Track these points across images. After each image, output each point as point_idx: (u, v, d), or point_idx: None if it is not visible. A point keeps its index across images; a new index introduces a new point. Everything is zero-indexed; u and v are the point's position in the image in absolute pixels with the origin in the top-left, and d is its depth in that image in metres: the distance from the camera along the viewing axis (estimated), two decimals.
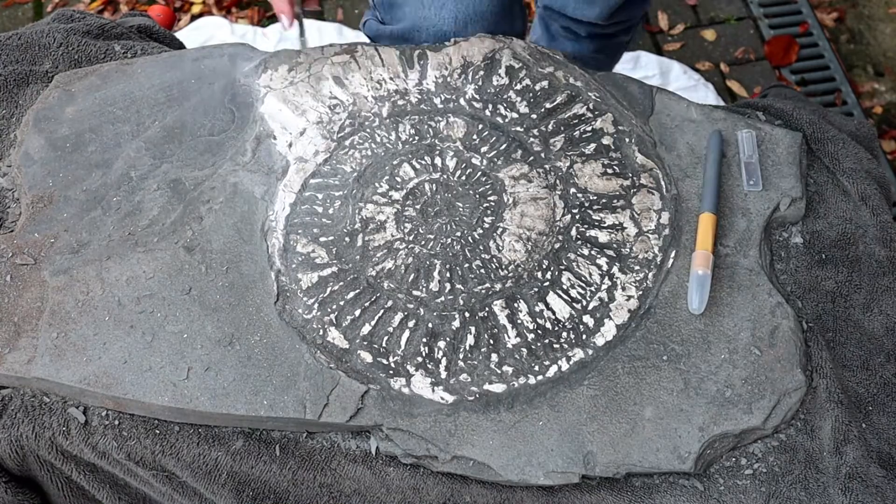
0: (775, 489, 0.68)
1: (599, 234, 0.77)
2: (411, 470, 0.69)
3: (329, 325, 0.72)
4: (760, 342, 0.72)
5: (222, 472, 0.68)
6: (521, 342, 0.72)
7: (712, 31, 1.79)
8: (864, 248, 0.80)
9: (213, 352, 0.71)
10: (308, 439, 0.70)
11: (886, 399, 0.73)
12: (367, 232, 0.77)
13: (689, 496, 0.67)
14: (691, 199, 0.80)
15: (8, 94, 0.86)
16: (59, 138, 0.81)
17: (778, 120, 0.88)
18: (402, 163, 0.81)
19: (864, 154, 0.85)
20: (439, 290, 0.74)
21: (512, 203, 0.79)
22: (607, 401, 0.70)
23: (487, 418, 0.69)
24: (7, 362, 0.70)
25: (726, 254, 0.77)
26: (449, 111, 0.84)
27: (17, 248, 0.75)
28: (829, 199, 0.83)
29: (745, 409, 0.69)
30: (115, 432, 0.69)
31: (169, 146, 0.81)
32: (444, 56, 0.87)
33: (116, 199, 0.78)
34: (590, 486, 0.68)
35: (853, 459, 0.68)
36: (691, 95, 1.35)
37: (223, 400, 0.69)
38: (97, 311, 0.72)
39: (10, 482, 0.72)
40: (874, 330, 0.76)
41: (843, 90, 1.70)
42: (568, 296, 0.74)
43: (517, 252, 0.76)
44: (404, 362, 0.71)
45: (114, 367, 0.70)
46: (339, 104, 0.84)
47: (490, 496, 0.68)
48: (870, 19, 1.83)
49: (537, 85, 0.86)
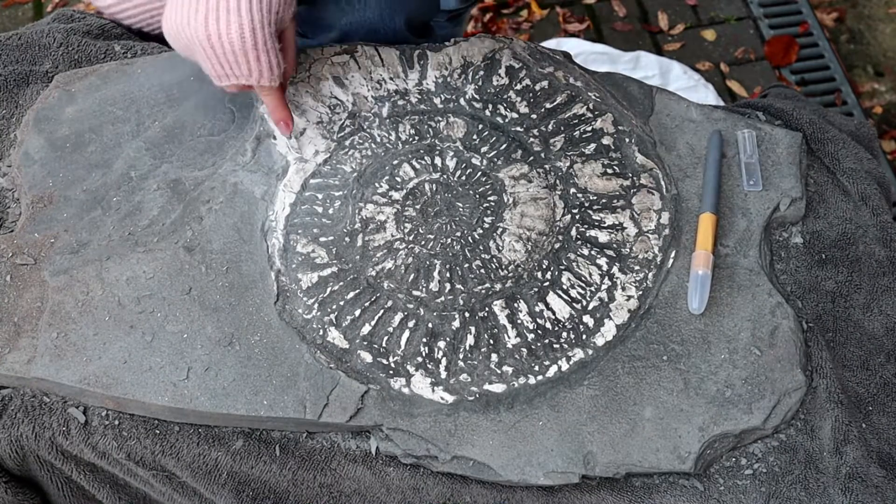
0: (775, 489, 0.68)
1: (599, 234, 0.77)
2: (411, 470, 0.69)
3: (329, 325, 0.72)
4: (760, 342, 0.72)
5: (222, 472, 0.68)
6: (521, 342, 0.72)
7: (712, 31, 1.79)
8: (864, 248, 0.80)
9: (213, 352, 0.71)
10: (308, 439, 0.70)
11: (886, 399, 0.73)
12: (367, 232, 0.77)
13: (689, 496, 0.67)
14: (691, 199, 0.80)
15: (8, 94, 0.86)
16: (59, 138, 0.81)
17: (778, 120, 0.88)
18: (402, 163, 0.81)
19: (864, 154, 0.85)
20: (439, 290, 0.74)
21: (512, 203, 0.79)
22: (607, 401, 0.70)
23: (487, 418, 0.69)
24: (7, 362, 0.70)
25: (726, 254, 0.77)
26: (449, 111, 0.84)
27: (17, 248, 0.75)
28: (829, 199, 0.83)
29: (745, 409, 0.69)
30: (115, 432, 0.69)
31: (169, 146, 0.81)
32: (444, 56, 0.87)
33: (116, 199, 0.78)
34: (590, 486, 0.68)
35: (853, 459, 0.68)
36: (691, 95, 1.35)
37: (223, 400, 0.69)
38: (97, 311, 0.72)
39: (10, 482, 0.72)
40: (874, 330, 0.76)
41: (843, 90, 1.70)
42: (568, 296, 0.74)
43: (517, 252, 0.76)
44: (404, 362, 0.71)
45: (114, 367, 0.70)
46: (339, 104, 0.84)
47: (490, 496, 0.68)
48: (870, 19, 1.83)
49: (537, 85, 0.86)
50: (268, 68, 0.73)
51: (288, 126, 0.79)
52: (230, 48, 0.70)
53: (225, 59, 0.71)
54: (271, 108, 0.78)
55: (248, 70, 0.72)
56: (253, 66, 0.72)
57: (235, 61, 0.71)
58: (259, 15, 0.70)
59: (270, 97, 0.77)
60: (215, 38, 0.70)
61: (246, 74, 0.73)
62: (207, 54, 0.71)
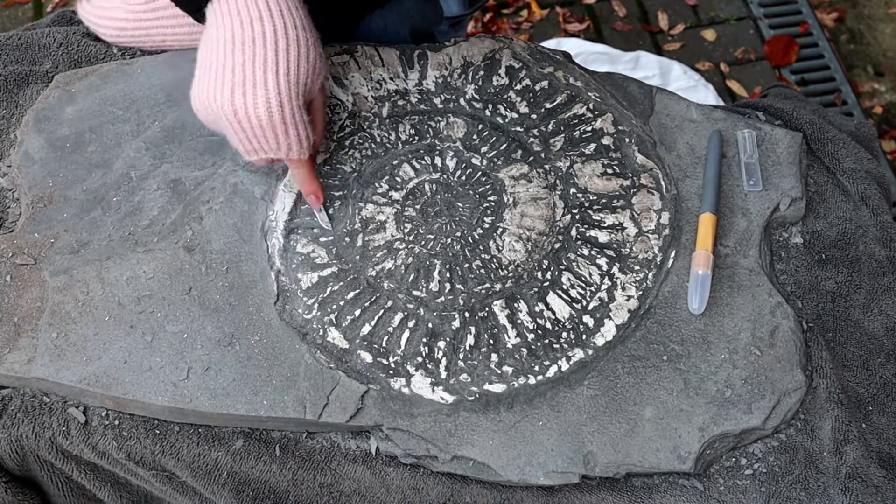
0: (775, 489, 0.68)
1: (599, 234, 0.77)
2: (411, 470, 0.69)
3: (329, 325, 0.72)
4: (760, 342, 0.72)
5: (222, 472, 0.68)
6: (521, 342, 0.72)
7: (712, 31, 1.79)
8: (864, 248, 0.80)
9: (213, 352, 0.71)
10: (308, 439, 0.70)
11: (886, 399, 0.73)
12: (367, 232, 0.77)
13: (689, 496, 0.67)
14: (691, 199, 0.80)
15: (8, 94, 0.86)
16: (59, 138, 0.81)
17: (778, 120, 0.88)
18: (402, 163, 0.81)
19: (864, 154, 0.85)
20: (439, 290, 0.74)
21: (512, 203, 0.79)
22: (607, 401, 0.70)
23: (487, 418, 0.69)
24: (7, 362, 0.70)
25: (726, 254, 0.77)
26: (449, 111, 0.84)
27: (17, 248, 0.75)
28: (829, 199, 0.83)
29: (745, 409, 0.69)
30: (115, 432, 0.69)
31: (169, 146, 0.81)
32: (444, 56, 0.87)
33: (116, 199, 0.78)
34: (590, 486, 0.68)
35: (853, 459, 0.68)
36: (691, 95, 1.35)
37: (223, 400, 0.69)
38: (97, 311, 0.72)
39: (10, 482, 0.72)
40: (874, 330, 0.76)
41: (843, 90, 1.71)
42: (568, 296, 0.74)
43: (517, 252, 0.76)
44: (404, 362, 0.71)
45: (114, 367, 0.70)
46: (339, 104, 0.84)
47: (490, 496, 0.68)
48: (870, 19, 1.83)
49: (537, 85, 0.86)
50: (297, 142, 0.71)
51: (318, 199, 0.77)
52: (258, 123, 0.68)
53: (253, 135, 0.70)
54: (301, 181, 0.76)
55: (277, 144, 0.70)
56: (282, 140, 0.70)
57: (264, 136, 0.70)
58: (287, 87, 0.68)
59: (300, 170, 0.75)
60: (242, 113, 0.68)
61: (275, 148, 0.71)
62: (235, 129, 0.70)
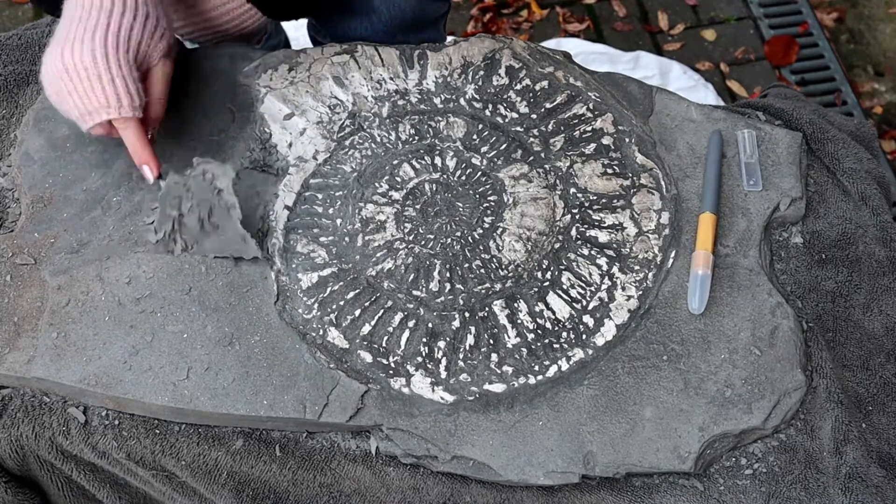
0: (775, 489, 0.68)
1: (599, 234, 0.77)
2: (411, 470, 0.69)
3: (329, 325, 0.72)
4: (760, 342, 0.72)
5: (222, 472, 0.68)
6: (521, 342, 0.72)
7: (712, 31, 1.79)
8: (864, 248, 0.80)
9: (213, 352, 0.71)
10: (308, 439, 0.70)
11: (886, 399, 0.73)
12: (367, 232, 0.77)
13: (689, 496, 0.67)
14: (691, 199, 0.80)
15: (8, 94, 0.87)
16: (59, 138, 0.81)
17: (778, 120, 0.88)
18: (402, 163, 0.81)
19: (864, 154, 0.85)
20: (439, 290, 0.74)
21: (512, 203, 0.79)
22: (607, 401, 0.70)
23: (487, 418, 0.69)
24: (7, 362, 0.70)
25: (726, 254, 0.77)
26: (449, 111, 0.84)
27: (17, 248, 0.75)
28: (829, 199, 0.83)
29: (745, 409, 0.69)
30: (115, 432, 0.69)
31: (169, 146, 0.81)
32: (444, 56, 0.87)
33: (116, 199, 0.78)
34: (590, 486, 0.68)
35: (853, 459, 0.68)
36: (691, 95, 1.35)
37: (223, 400, 0.69)
38: (97, 311, 0.72)
39: (10, 482, 0.72)
40: (874, 330, 0.76)
41: (843, 90, 1.70)
42: (568, 296, 0.74)
43: (517, 252, 0.76)
44: (404, 362, 0.71)
45: (114, 367, 0.70)
46: (339, 104, 0.84)
47: (490, 496, 0.68)
48: (870, 19, 1.83)
49: (537, 85, 0.86)
50: (125, 93, 0.71)
51: (152, 169, 0.74)
52: (85, 74, 0.70)
53: (81, 87, 0.70)
54: (131, 146, 0.73)
55: (106, 98, 0.70)
56: (109, 90, 0.70)
57: (91, 87, 0.70)
58: (115, 42, 0.70)
59: (129, 131, 0.72)
60: (70, 63, 0.70)
61: (103, 103, 0.70)
62: (67, 88, 0.70)
